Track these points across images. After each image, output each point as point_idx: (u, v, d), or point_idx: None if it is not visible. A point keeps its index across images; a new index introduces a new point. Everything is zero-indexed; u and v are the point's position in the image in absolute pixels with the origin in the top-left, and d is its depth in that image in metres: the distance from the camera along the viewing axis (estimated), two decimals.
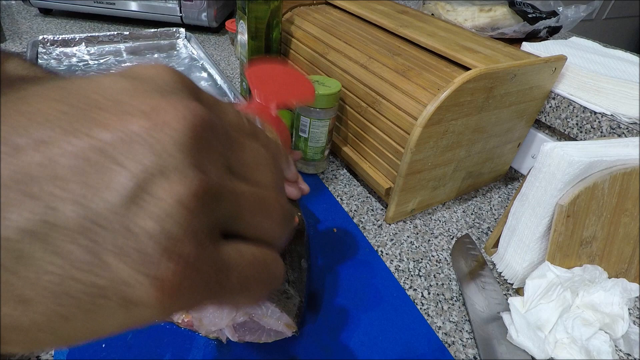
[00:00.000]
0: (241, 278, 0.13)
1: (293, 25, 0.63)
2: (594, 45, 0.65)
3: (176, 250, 0.10)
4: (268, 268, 0.14)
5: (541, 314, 0.37)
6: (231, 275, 0.12)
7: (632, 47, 2.13)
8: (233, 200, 0.13)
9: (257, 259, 0.13)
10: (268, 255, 0.14)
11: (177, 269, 0.10)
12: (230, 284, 0.12)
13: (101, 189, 0.10)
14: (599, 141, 0.41)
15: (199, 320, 0.31)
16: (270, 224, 0.14)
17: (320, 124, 0.49)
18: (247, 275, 0.13)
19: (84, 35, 0.79)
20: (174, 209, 0.10)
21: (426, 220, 0.50)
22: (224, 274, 0.12)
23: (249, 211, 0.13)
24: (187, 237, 0.11)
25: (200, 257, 0.11)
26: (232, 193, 0.12)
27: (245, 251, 0.13)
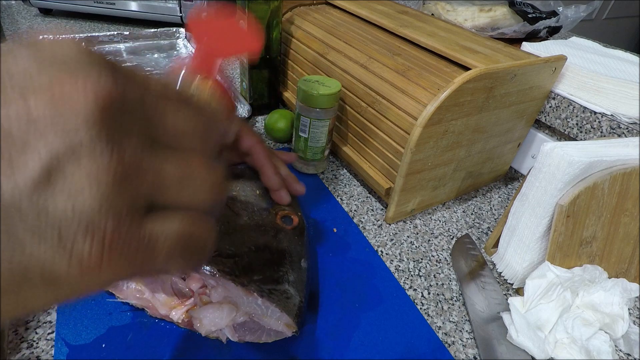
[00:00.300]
0: (167, 250, 0.13)
1: (293, 25, 0.63)
2: (594, 45, 0.65)
3: (92, 227, 0.11)
4: (197, 237, 0.14)
5: (541, 314, 0.37)
6: (156, 248, 0.12)
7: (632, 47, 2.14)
8: (155, 172, 0.12)
9: (185, 229, 0.13)
10: (196, 224, 0.14)
11: (95, 246, 0.11)
12: (156, 257, 0.12)
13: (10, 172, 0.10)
14: (599, 141, 0.41)
15: (199, 320, 0.31)
16: (197, 192, 0.14)
17: (320, 124, 0.49)
18: (173, 247, 0.13)
19: (84, 35, 0.79)
20: (87, 186, 0.10)
21: (426, 220, 0.50)
22: (149, 247, 0.12)
23: (174, 181, 0.13)
24: (103, 213, 0.11)
25: (119, 233, 0.11)
26: (153, 165, 0.12)
27: (171, 223, 0.13)
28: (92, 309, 0.34)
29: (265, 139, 0.61)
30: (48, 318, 0.33)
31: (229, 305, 0.30)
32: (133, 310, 0.34)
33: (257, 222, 0.34)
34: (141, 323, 0.33)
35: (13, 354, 0.30)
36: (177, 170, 0.13)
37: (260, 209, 0.36)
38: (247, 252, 0.31)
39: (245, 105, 0.63)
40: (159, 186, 0.13)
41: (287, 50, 0.64)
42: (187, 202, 0.14)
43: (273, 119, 0.58)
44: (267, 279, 0.30)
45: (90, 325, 0.33)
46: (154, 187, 0.12)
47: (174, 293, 0.34)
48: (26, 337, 0.32)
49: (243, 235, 0.33)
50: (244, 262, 0.30)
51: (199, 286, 0.32)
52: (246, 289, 0.29)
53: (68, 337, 0.32)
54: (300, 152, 0.52)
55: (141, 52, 0.81)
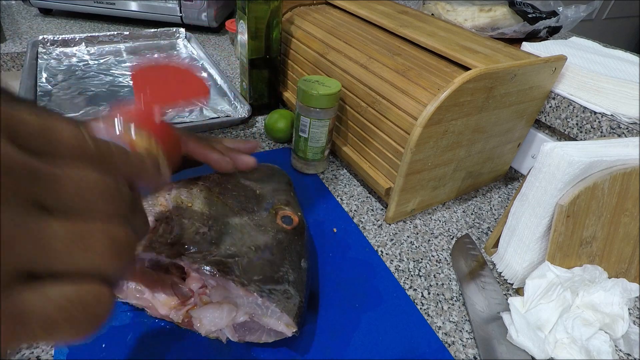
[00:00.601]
0: (46, 322, 0.12)
1: (293, 25, 0.63)
2: (594, 45, 0.65)
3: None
4: (86, 307, 0.13)
5: (541, 314, 0.37)
6: (30, 321, 0.12)
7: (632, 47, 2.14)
8: (36, 239, 0.12)
9: (70, 299, 0.13)
10: (85, 291, 0.13)
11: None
12: (30, 329, 0.12)
13: None
14: (599, 141, 0.41)
15: (199, 320, 0.31)
16: (91, 256, 0.13)
17: (320, 124, 0.49)
18: (53, 318, 0.12)
19: (84, 35, 0.79)
20: None
21: (426, 220, 0.50)
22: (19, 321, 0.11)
23: (62, 247, 0.12)
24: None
25: None
26: (35, 231, 0.12)
27: (52, 293, 0.12)
28: None
29: (265, 139, 0.61)
30: None
31: (229, 305, 0.30)
32: (133, 310, 0.34)
33: (257, 222, 0.34)
34: (141, 323, 0.33)
35: (13, 354, 0.30)
36: (68, 234, 0.13)
37: (260, 209, 0.36)
38: (247, 252, 0.31)
39: (245, 105, 0.63)
40: (43, 252, 0.12)
41: (287, 50, 0.64)
42: (79, 267, 0.13)
43: (273, 119, 0.58)
44: (267, 279, 0.30)
45: None
46: (36, 254, 0.12)
47: (174, 293, 0.34)
48: None
49: (243, 235, 0.33)
50: (244, 262, 0.30)
51: (199, 286, 0.32)
52: (246, 289, 0.29)
53: None
54: (300, 152, 0.52)
55: (141, 52, 0.81)
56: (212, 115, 0.62)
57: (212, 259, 0.30)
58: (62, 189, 0.13)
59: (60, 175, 0.13)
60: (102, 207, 0.14)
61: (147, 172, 0.17)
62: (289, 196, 0.40)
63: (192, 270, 0.31)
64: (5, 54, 0.74)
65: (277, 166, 0.44)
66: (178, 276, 0.33)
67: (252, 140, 0.37)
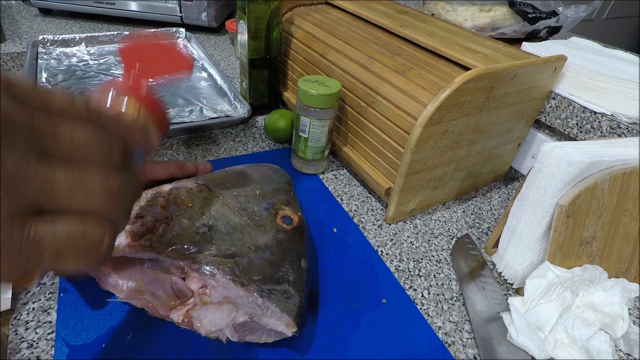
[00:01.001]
0: (56, 249, 0.14)
1: (293, 25, 0.63)
2: (594, 45, 0.65)
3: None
4: (87, 237, 0.15)
5: (541, 314, 0.37)
6: (43, 248, 0.14)
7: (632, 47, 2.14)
8: (41, 180, 0.14)
9: (73, 229, 0.15)
10: (88, 226, 0.15)
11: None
12: (42, 255, 0.14)
13: None
14: (599, 141, 0.41)
15: (199, 320, 0.31)
16: (91, 198, 0.15)
17: (320, 124, 0.49)
18: (61, 245, 0.14)
19: (84, 35, 0.79)
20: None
21: (426, 220, 0.50)
22: (34, 248, 0.14)
23: (65, 188, 0.14)
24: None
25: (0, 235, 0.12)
26: (40, 174, 0.14)
27: (59, 225, 0.14)
28: (92, 309, 0.34)
29: (265, 139, 0.61)
30: (48, 318, 0.33)
31: (229, 305, 0.30)
32: (133, 310, 0.34)
33: (257, 222, 0.34)
34: (141, 323, 0.33)
35: (13, 354, 0.30)
36: (69, 179, 0.14)
37: (260, 209, 0.36)
38: (247, 252, 0.31)
39: (245, 105, 0.63)
40: (47, 192, 0.14)
41: (287, 50, 0.64)
42: (80, 207, 0.15)
43: (273, 119, 0.58)
44: (267, 279, 0.30)
45: (90, 325, 0.33)
46: (42, 193, 0.14)
47: (174, 293, 0.34)
48: (26, 337, 0.32)
49: (243, 235, 0.33)
50: (244, 262, 0.30)
51: (199, 286, 0.32)
52: (246, 289, 0.29)
53: (68, 337, 0.32)
54: (300, 152, 0.52)
55: None
56: (212, 115, 0.62)
57: (212, 259, 0.30)
58: (61, 140, 0.15)
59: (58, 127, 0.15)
60: (97, 158, 0.16)
61: (137, 137, 0.19)
62: (289, 196, 0.40)
63: (192, 270, 0.31)
64: (5, 54, 0.74)
65: (277, 166, 0.44)
66: (178, 276, 0.33)
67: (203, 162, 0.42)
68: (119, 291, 0.34)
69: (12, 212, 0.13)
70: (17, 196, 0.13)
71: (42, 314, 0.33)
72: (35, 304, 0.34)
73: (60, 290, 0.35)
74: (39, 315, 0.33)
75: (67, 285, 0.35)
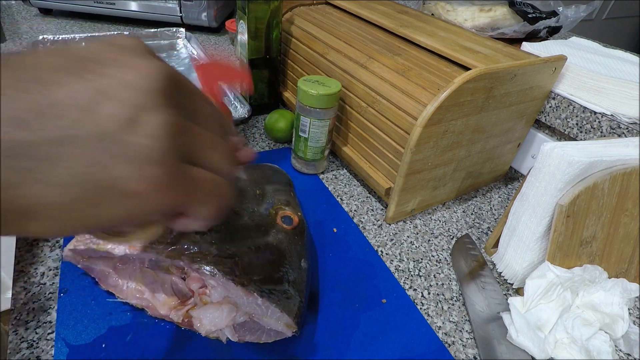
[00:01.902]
0: (202, 190, 0.17)
1: (293, 25, 0.63)
2: (594, 45, 0.65)
3: (158, 159, 0.15)
4: (220, 187, 0.19)
5: (541, 314, 0.37)
6: (196, 185, 0.17)
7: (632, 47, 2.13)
8: (190, 136, 0.17)
9: (212, 179, 0.18)
10: (220, 180, 0.19)
11: (160, 171, 0.15)
12: (195, 192, 0.17)
13: (108, 115, 0.14)
14: (599, 141, 0.41)
15: (199, 320, 0.31)
16: (221, 159, 0.19)
17: (320, 124, 0.49)
18: (206, 188, 0.18)
19: (84, 35, 0.79)
20: (156, 132, 0.15)
21: (426, 220, 0.50)
22: (190, 183, 0.17)
23: (205, 146, 0.18)
24: (165, 151, 0.15)
25: (173, 166, 0.16)
26: (190, 130, 0.17)
27: (203, 173, 0.18)
28: (92, 309, 0.34)
29: (265, 139, 0.61)
30: (48, 318, 0.33)
31: (229, 305, 0.30)
32: (133, 310, 0.34)
33: (257, 222, 0.34)
34: (141, 323, 0.33)
35: (13, 354, 0.30)
36: (208, 139, 0.18)
37: (260, 209, 0.36)
38: (247, 252, 0.31)
39: (245, 105, 0.63)
40: (194, 147, 0.17)
41: (287, 50, 0.64)
42: (214, 165, 0.18)
43: (273, 119, 0.58)
44: (267, 279, 0.30)
45: (90, 325, 0.33)
46: (192, 147, 0.17)
47: (174, 293, 0.34)
48: (26, 337, 0.32)
49: (243, 235, 0.33)
50: (244, 262, 0.30)
51: (199, 286, 0.32)
52: (246, 289, 0.29)
53: (68, 337, 0.32)
54: (300, 152, 0.52)
55: None
56: None
57: (212, 259, 0.30)
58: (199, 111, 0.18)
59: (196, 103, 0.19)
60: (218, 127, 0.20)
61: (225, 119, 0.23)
62: (289, 196, 0.40)
63: (192, 270, 0.31)
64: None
65: (277, 166, 0.44)
66: (178, 276, 0.33)
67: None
68: (119, 291, 0.34)
69: (179, 154, 0.16)
70: (181, 144, 0.16)
71: (42, 314, 0.33)
72: (35, 304, 0.34)
73: (60, 290, 0.35)
74: (39, 315, 0.33)
75: (67, 285, 0.35)
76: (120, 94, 0.15)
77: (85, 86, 0.14)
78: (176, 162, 0.16)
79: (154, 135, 0.15)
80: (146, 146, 0.15)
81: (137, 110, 0.15)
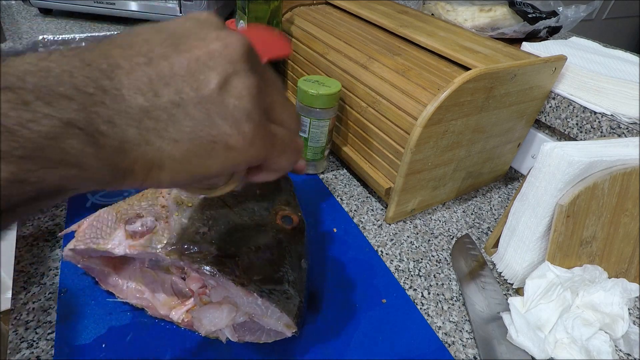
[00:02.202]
0: (281, 143, 0.20)
1: (293, 25, 0.63)
2: (594, 45, 0.65)
3: (250, 117, 0.17)
4: (294, 141, 0.21)
5: (541, 314, 0.37)
6: (276, 140, 0.20)
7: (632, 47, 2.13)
8: (269, 97, 0.19)
9: (287, 135, 0.21)
10: (293, 135, 0.21)
11: (252, 126, 0.18)
12: (276, 146, 0.20)
13: (204, 82, 0.17)
14: (599, 141, 0.41)
15: (199, 320, 0.31)
16: (288, 116, 0.21)
17: (320, 124, 0.49)
18: (283, 143, 0.20)
19: (84, 35, 0.79)
20: (245, 93, 0.17)
21: (426, 220, 0.50)
22: (273, 138, 0.19)
23: (276, 105, 0.20)
24: (254, 110, 0.18)
25: (260, 122, 0.18)
26: (268, 92, 0.19)
27: (280, 129, 0.20)
28: (92, 309, 0.34)
29: None
30: (48, 318, 0.33)
31: (229, 305, 0.30)
32: (133, 310, 0.34)
33: (257, 222, 0.34)
34: (141, 323, 0.33)
35: (13, 354, 0.30)
36: (279, 99, 0.20)
37: (260, 209, 0.36)
38: (247, 252, 0.31)
39: None
40: (271, 105, 0.20)
41: None
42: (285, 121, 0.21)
43: None
44: (267, 279, 0.30)
45: (90, 325, 0.33)
46: (269, 105, 0.19)
47: (174, 293, 0.34)
48: (26, 337, 0.32)
49: (243, 235, 0.33)
50: (244, 262, 0.30)
51: (199, 286, 0.32)
52: (246, 289, 0.29)
53: (68, 337, 0.32)
54: None
55: None
56: None
57: (212, 259, 0.30)
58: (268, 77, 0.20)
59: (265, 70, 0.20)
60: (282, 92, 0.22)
61: None
62: (289, 196, 0.40)
63: (192, 270, 0.31)
64: (5, 54, 0.74)
65: None
66: (178, 276, 0.33)
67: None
68: (119, 291, 0.34)
69: (263, 110, 0.18)
70: (263, 101, 0.18)
71: (42, 314, 0.33)
72: (35, 304, 0.34)
73: (60, 290, 0.35)
74: (39, 315, 0.33)
75: (67, 285, 0.35)
76: (210, 63, 0.17)
77: (182, 57, 0.17)
78: (262, 119, 0.18)
79: (242, 95, 0.17)
80: (237, 106, 0.17)
81: (226, 76, 0.17)
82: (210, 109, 0.17)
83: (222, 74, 0.17)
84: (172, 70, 0.16)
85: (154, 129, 0.16)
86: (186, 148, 0.16)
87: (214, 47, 0.17)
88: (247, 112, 0.17)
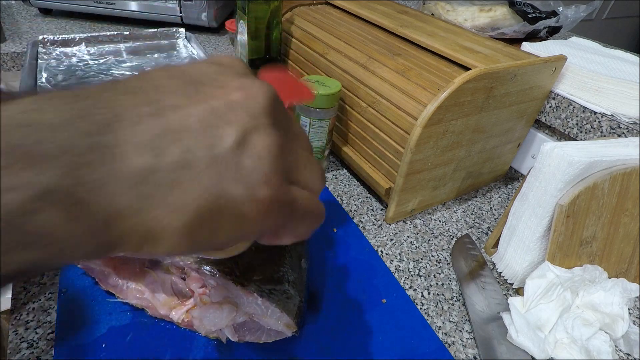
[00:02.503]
0: (301, 209, 0.18)
1: (293, 25, 0.63)
2: (594, 45, 0.65)
3: (268, 181, 0.15)
4: (316, 206, 0.19)
5: (541, 314, 0.37)
6: (296, 206, 0.17)
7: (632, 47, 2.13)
8: (292, 155, 0.17)
9: (309, 199, 0.18)
10: (315, 199, 0.19)
11: (270, 194, 0.15)
12: (296, 212, 0.17)
13: (219, 138, 0.14)
14: (599, 141, 0.41)
15: (199, 320, 0.31)
16: (315, 177, 0.19)
17: (320, 124, 0.49)
18: (304, 208, 0.18)
19: (84, 35, 0.79)
20: (265, 153, 0.15)
21: (426, 220, 0.50)
22: (292, 204, 0.17)
23: (299, 164, 0.18)
24: (273, 174, 0.15)
25: (279, 188, 0.16)
26: (289, 149, 0.17)
27: (301, 192, 0.18)
28: (92, 309, 0.34)
29: None
30: (48, 318, 0.33)
31: (229, 305, 0.30)
32: (133, 310, 0.34)
33: None
34: (141, 323, 0.33)
35: (13, 354, 0.30)
36: (302, 158, 0.18)
37: None
38: (247, 252, 0.31)
39: None
40: (293, 167, 0.17)
41: (287, 50, 0.64)
42: (308, 183, 0.19)
43: None
44: (267, 279, 0.30)
45: (90, 325, 0.33)
46: (291, 166, 0.17)
47: (174, 293, 0.34)
48: (26, 337, 0.32)
49: None
50: (244, 262, 0.30)
51: (199, 286, 0.32)
52: (246, 289, 0.29)
53: (68, 337, 0.32)
54: None
55: (141, 52, 0.81)
56: None
57: (212, 259, 0.30)
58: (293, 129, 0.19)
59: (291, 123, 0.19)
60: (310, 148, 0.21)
61: None
62: None
63: (192, 270, 0.31)
64: (5, 54, 0.74)
65: None
66: (178, 276, 0.33)
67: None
68: (119, 291, 0.34)
69: (283, 174, 0.16)
70: (285, 161, 0.16)
71: (42, 314, 0.33)
72: (35, 304, 0.34)
73: (60, 290, 0.35)
74: (39, 315, 0.33)
75: (67, 285, 0.35)
76: (228, 116, 0.15)
77: (196, 108, 0.14)
78: (282, 183, 0.16)
79: (262, 156, 0.15)
80: (255, 168, 0.15)
81: (245, 131, 0.15)
82: (222, 171, 0.14)
83: (240, 129, 0.15)
84: (183, 123, 0.14)
85: (152, 195, 0.13)
86: (189, 217, 0.14)
87: (234, 97, 0.15)
88: (266, 176, 0.15)
